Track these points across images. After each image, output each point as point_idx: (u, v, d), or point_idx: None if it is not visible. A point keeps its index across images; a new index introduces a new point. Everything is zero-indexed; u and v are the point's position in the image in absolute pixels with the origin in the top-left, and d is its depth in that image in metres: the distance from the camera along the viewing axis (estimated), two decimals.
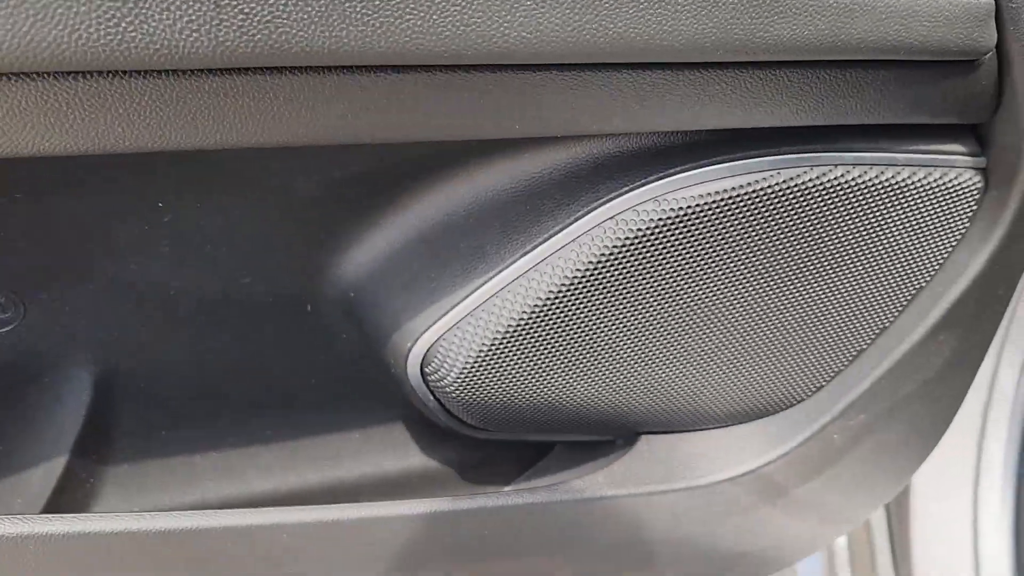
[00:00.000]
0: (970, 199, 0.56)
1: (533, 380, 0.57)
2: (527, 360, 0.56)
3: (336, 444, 0.70)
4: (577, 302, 0.53)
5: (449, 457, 0.73)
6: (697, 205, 0.49)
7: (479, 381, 0.57)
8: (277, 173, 0.52)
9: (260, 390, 0.65)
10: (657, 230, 0.50)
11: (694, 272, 0.53)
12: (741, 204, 0.50)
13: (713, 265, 0.53)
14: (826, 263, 0.56)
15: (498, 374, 0.56)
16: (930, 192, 0.54)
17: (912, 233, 0.56)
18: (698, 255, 0.52)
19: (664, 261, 0.52)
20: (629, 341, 0.57)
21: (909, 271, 0.58)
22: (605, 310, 0.54)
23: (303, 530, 0.55)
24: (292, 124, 0.38)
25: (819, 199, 0.52)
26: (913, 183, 0.53)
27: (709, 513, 0.68)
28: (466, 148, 0.51)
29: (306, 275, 0.58)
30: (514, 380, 0.57)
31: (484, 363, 0.55)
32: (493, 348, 0.55)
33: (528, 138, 0.50)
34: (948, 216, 0.56)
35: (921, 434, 0.72)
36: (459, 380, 0.56)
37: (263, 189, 0.52)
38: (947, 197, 0.55)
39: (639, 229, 0.50)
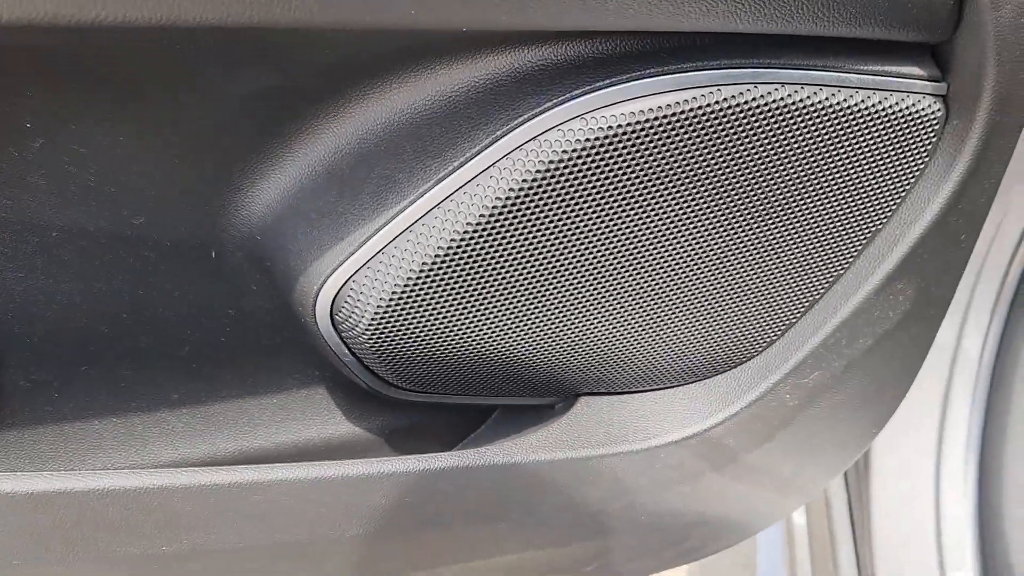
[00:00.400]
0: (929, 129, 0.51)
1: (454, 329, 0.52)
2: (446, 305, 0.51)
3: (251, 409, 0.64)
4: (499, 237, 0.48)
5: (376, 424, 0.68)
6: (628, 124, 0.44)
7: (395, 329, 0.51)
8: (167, 91, 0.46)
9: (164, 348, 0.59)
10: (585, 153, 0.45)
11: (628, 205, 0.48)
12: (677, 125, 0.45)
13: (648, 197, 0.48)
14: (773, 199, 0.51)
15: (415, 321, 0.51)
16: (886, 119, 0.49)
17: (867, 166, 0.51)
18: (632, 184, 0.47)
19: (594, 190, 0.47)
20: (559, 285, 0.52)
21: (864, 211, 0.54)
22: (531, 247, 0.49)
23: (198, 495, 0.50)
24: None
25: (765, 122, 0.47)
26: (867, 108, 0.48)
27: (654, 479, 0.63)
28: (375, 60, 0.45)
29: (207, 215, 0.53)
30: (433, 328, 0.52)
31: (399, 308, 0.50)
32: (408, 290, 0.49)
33: (443, 50, 0.45)
34: (906, 148, 0.51)
35: (881, 394, 0.68)
36: (372, 327, 0.51)
37: (153, 112, 0.47)
38: (904, 126, 0.50)
39: (564, 151, 0.45)
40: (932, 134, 0.51)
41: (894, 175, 0.52)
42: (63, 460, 0.60)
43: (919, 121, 0.51)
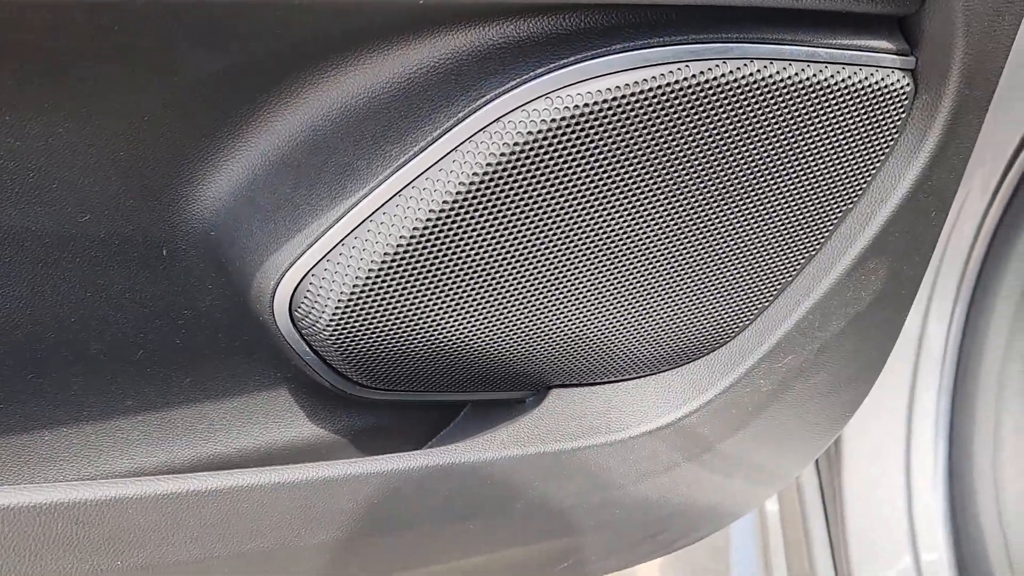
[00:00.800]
0: (899, 105, 0.50)
1: (420, 322, 0.50)
2: (411, 297, 0.49)
3: (211, 414, 0.62)
4: (464, 224, 0.46)
5: (342, 425, 0.66)
6: (595, 103, 0.43)
7: (357, 324, 0.49)
8: (109, 78, 0.43)
9: (116, 353, 0.57)
10: (551, 134, 0.43)
11: (596, 187, 0.47)
12: (645, 103, 0.44)
13: (617, 178, 0.47)
14: (743, 178, 0.50)
15: (379, 315, 0.49)
16: (855, 95, 0.49)
17: (837, 144, 0.50)
18: (599, 165, 0.46)
19: (562, 173, 0.45)
20: (527, 273, 0.50)
21: (835, 189, 0.53)
22: (498, 234, 0.47)
23: (153, 505, 0.48)
24: None
25: (733, 99, 0.46)
26: (836, 83, 0.48)
27: (628, 471, 0.62)
28: (328, 40, 0.43)
29: (157, 211, 0.50)
30: (398, 322, 0.50)
31: (361, 301, 0.48)
32: (370, 282, 0.47)
33: (400, 28, 0.43)
34: (875, 124, 0.51)
35: (853, 378, 0.67)
36: (334, 323, 0.49)
37: (94, 101, 0.44)
38: (874, 102, 0.49)
39: (530, 132, 0.43)
40: (901, 109, 0.51)
41: (864, 152, 0.52)
42: (11, 474, 0.58)
43: (888, 96, 0.50)
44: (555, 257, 0.50)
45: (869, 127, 0.50)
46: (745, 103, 0.46)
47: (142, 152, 0.47)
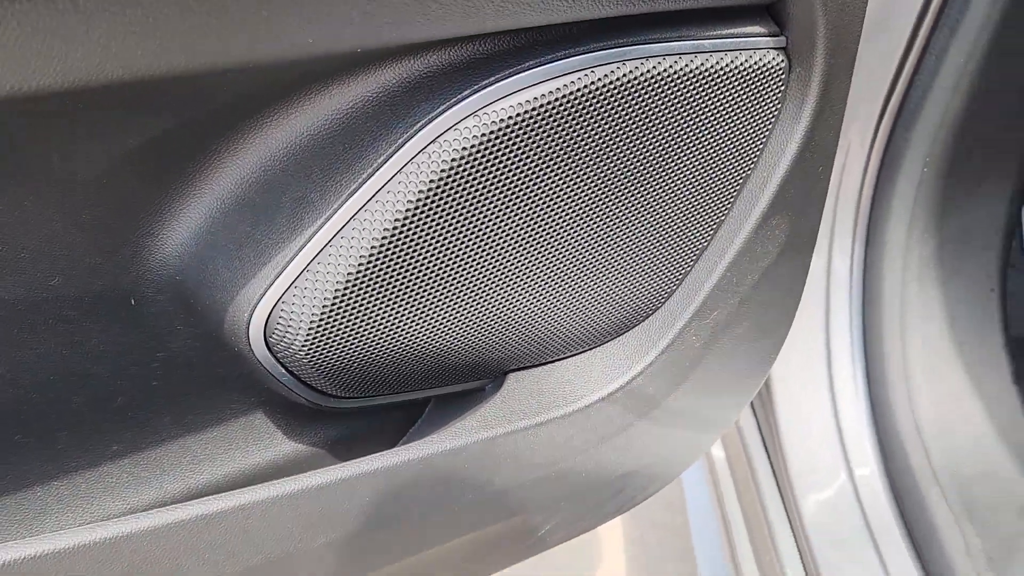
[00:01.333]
0: (777, 79, 0.57)
1: (386, 330, 0.55)
2: (376, 309, 0.53)
3: (193, 447, 0.65)
4: (416, 237, 0.51)
5: (319, 438, 0.70)
6: (518, 115, 0.48)
7: (330, 340, 0.54)
8: (61, 151, 0.46)
9: (97, 403, 0.59)
10: (483, 147, 0.49)
11: (530, 189, 0.52)
12: (561, 108, 0.49)
13: (547, 178, 0.52)
14: (657, 162, 0.56)
15: (349, 329, 0.54)
16: (739, 76, 0.55)
17: (730, 120, 0.57)
18: (530, 169, 0.51)
19: (498, 180, 0.51)
20: (478, 273, 0.55)
21: (734, 159, 0.60)
22: (447, 242, 0.52)
23: (165, 535, 0.51)
24: None
25: (637, 94, 0.52)
26: (722, 68, 0.54)
27: (588, 437, 0.68)
28: (270, 91, 0.47)
29: (123, 265, 0.53)
30: (367, 333, 0.55)
31: (331, 319, 0.53)
32: (337, 301, 0.52)
33: (335, 71, 0.47)
34: (760, 99, 0.57)
35: (773, 321, 0.75)
36: (308, 344, 0.53)
37: (51, 173, 0.47)
38: (756, 80, 0.56)
39: (464, 148, 0.48)
40: (780, 83, 0.58)
41: (754, 124, 0.58)
42: (6, 531, 0.60)
43: (767, 73, 0.57)
44: (502, 254, 0.55)
45: (755, 101, 0.57)
46: (647, 96, 0.52)
47: (103, 213, 0.50)
